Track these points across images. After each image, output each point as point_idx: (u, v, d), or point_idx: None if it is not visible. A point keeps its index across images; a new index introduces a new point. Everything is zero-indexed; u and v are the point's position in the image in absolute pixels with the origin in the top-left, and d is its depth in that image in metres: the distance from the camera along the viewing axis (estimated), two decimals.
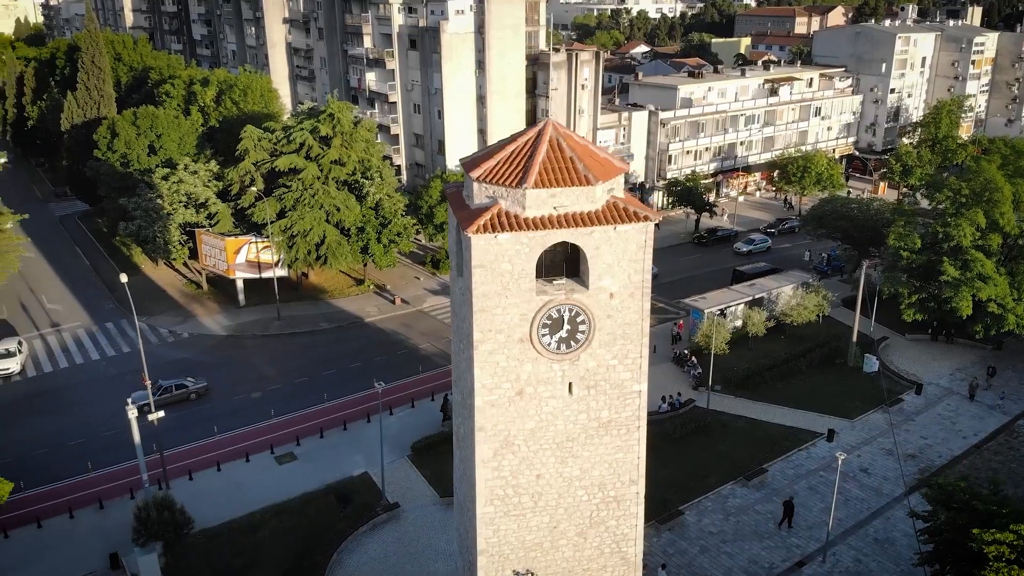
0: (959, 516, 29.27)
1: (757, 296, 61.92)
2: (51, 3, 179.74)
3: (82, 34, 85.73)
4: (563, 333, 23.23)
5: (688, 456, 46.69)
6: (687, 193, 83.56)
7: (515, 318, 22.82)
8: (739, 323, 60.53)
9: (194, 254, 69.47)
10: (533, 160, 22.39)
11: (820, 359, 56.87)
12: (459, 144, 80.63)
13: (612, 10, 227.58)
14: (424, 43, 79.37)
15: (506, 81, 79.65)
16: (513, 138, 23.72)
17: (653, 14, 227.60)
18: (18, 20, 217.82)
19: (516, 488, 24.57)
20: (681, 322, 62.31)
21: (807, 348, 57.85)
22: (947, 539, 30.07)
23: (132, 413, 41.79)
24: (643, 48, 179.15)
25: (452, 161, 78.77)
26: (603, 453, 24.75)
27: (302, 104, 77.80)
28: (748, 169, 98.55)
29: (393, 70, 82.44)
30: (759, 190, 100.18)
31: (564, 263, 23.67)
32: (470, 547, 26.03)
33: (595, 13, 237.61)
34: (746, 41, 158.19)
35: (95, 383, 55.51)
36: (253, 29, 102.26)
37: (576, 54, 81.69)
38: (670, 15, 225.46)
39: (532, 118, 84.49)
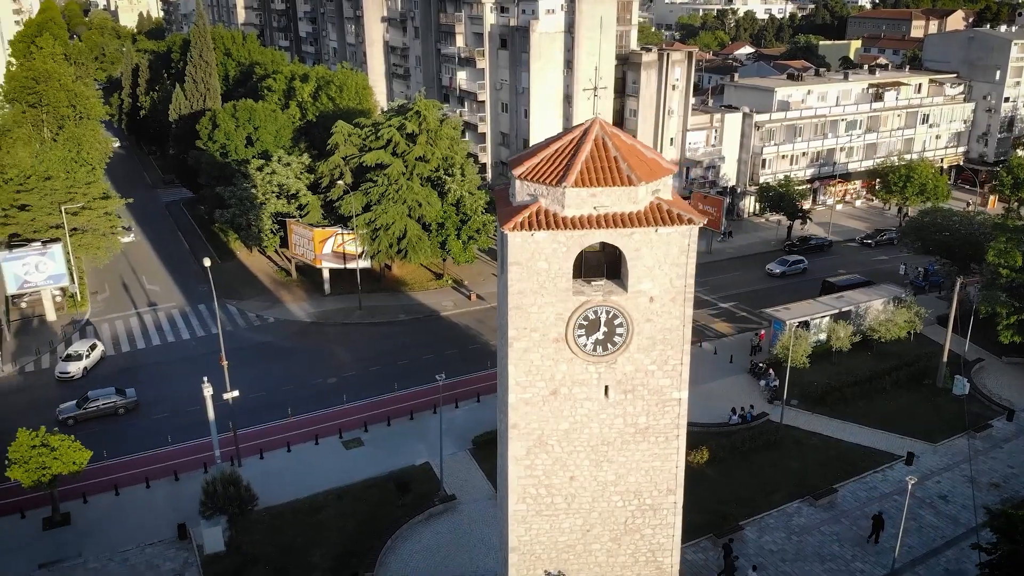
0: (1022, 549, 27.30)
1: (844, 309, 59.36)
2: None
3: (192, 29, 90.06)
4: (599, 335, 22.93)
5: (755, 471, 45.33)
6: (779, 199, 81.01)
7: (551, 317, 22.68)
8: (823, 336, 58.25)
9: (285, 243, 72.08)
10: (575, 159, 22.19)
11: (907, 378, 54.14)
12: None
13: (718, 11, 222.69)
14: (514, 42, 79.75)
15: (594, 80, 78.87)
16: (559, 136, 23.57)
17: (761, 15, 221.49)
18: (141, 15, 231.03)
19: (549, 488, 24.43)
20: (763, 332, 60.47)
21: (894, 366, 55.16)
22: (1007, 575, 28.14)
23: (207, 391, 43.88)
24: (748, 49, 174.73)
25: None
26: (640, 460, 24.29)
27: (391, 102, 79.44)
28: (847, 176, 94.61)
29: (483, 69, 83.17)
30: (859, 198, 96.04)
31: (605, 265, 23.35)
32: (504, 543, 26.04)
33: (700, 13, 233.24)
34: (856, 44, 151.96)
35: (182, 361, 58.27)
36: (353, 27, 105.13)
37: (667, 54, 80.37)
38: (779, 16, 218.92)
39: (620, 118, 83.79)
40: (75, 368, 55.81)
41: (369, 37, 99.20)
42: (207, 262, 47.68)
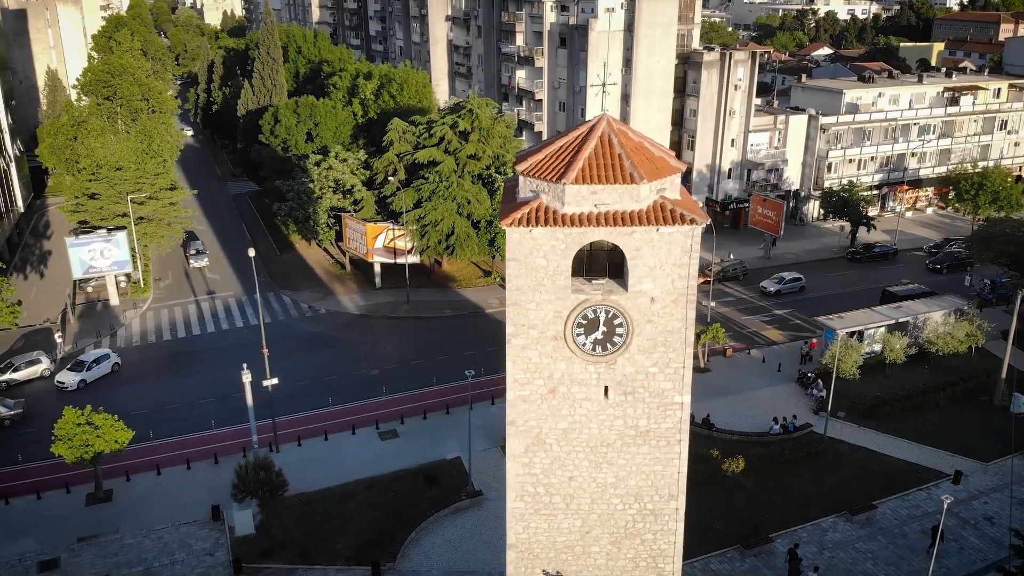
0: None
1: (901, 320, 57.19)
2: None
3: (261, 27, 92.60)
4: (598, 335, 22.62)
5: (792, 482, 44.08)
6: (843, 204, 78.49)
7: (549, 315, 22.49)
8: (877, 347, 56.23)
9: (340, 236, 73.46)
10: (578, 156, 21.93)
11: (963, 394, 51.80)
12: None
13: (797, 11, 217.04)
14: (573, 41, 79.39)
15: (652, 79, 78.14)
16: (566, 132, 23.33)
17: (843, 16, 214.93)
18: (225, 13, 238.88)
19: (548, 487, 24.23)
20: (814, 341, 58.71)
21: (950, 380, 52.82)
22: None
23: (246, 378, 45.06)
24: (826, 51, 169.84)
25: None
26: (640, 463, 23.87)
27: (447, 100, 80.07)
28: (918, 183, 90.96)
29: (541, 68, 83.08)
30: (930, 206, 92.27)
31: (608, 264, 23.02)
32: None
33: (780, 13, 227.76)
34: (939, 47, 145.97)
35: (233, 348, 59.87)
36: (418, 26, 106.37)
37: (730, 54, 78.76)
38: (862, 17, 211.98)
39: (679, 118, 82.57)
40: (70, 379, 53.15)
41: (433, 36, 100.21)
42: (252, 252, 48.89)
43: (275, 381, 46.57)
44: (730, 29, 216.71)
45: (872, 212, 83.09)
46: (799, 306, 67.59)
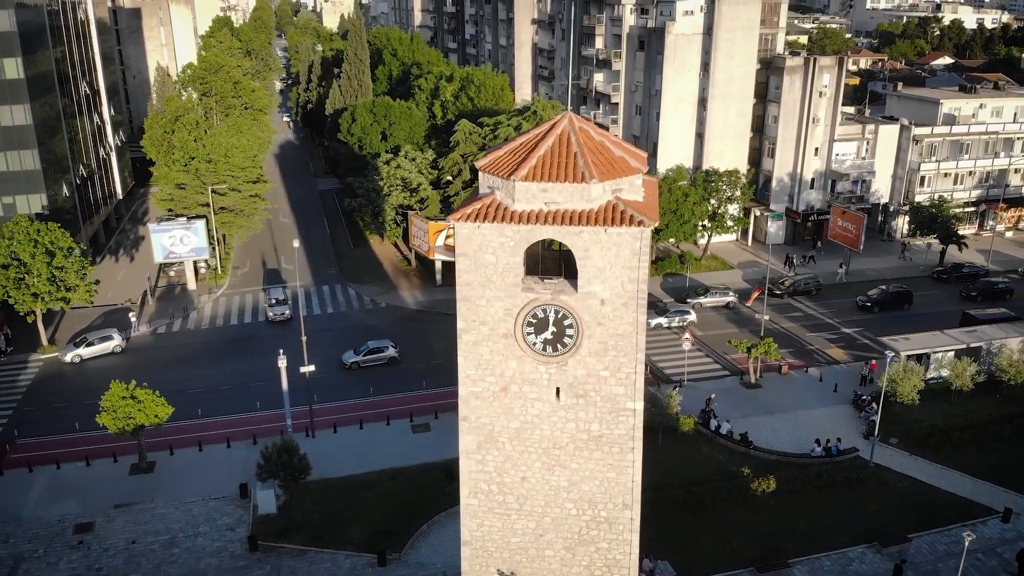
0: None
1: (973, 345, 53.59)
2: (363, 1, 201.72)
3: (349, 29, 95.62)
4: (548, 335, 22.32)
5: (825, 507, 42.03)
6: (932, 220, 74.08)
7: (499, 312, 22.37)
8: (944, 372, 52.86)
9: (407, 234, 75.04)
10: (533, 153, 21.75)
11: None
12: (674, 147, 78.67)
13: (920, 19, 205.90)
14: (650, 44, 78.27)
15: (731, 84, 76.06)
16: (529, 131, 23.17)
17: (971, 24, 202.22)
18: (342, 16, 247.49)
19: (501, 486, 24.09)
20: (874, 362, 55.69)
21: (1019, 412, 49.01)
22: None
23: (282, 363, 46.77)
24: (946, 60, 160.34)
25: (665, 164, 77.04)
26: (593, 468, 23.38)
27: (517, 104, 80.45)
28: (1022, 201, 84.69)
29: (619, 71, 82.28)
30: None
31: (563, 264, 22.70)
32: None
33: (903, 20, 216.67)
34: None
35: (293, 335, 61.89)
36: (505, 29, 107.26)
37: (815, 59, 75.70)
38: (991, 27, 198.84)
39: (760, 124, 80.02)
40: (71, 355, 57.28)
41: (519, 39, 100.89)
42: (296, 243, 50.61)
43: (312, 368, 48.10)
44: (849, 35, 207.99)
45: (968, 230, 78.05)
46: (870, 325, 64.21)
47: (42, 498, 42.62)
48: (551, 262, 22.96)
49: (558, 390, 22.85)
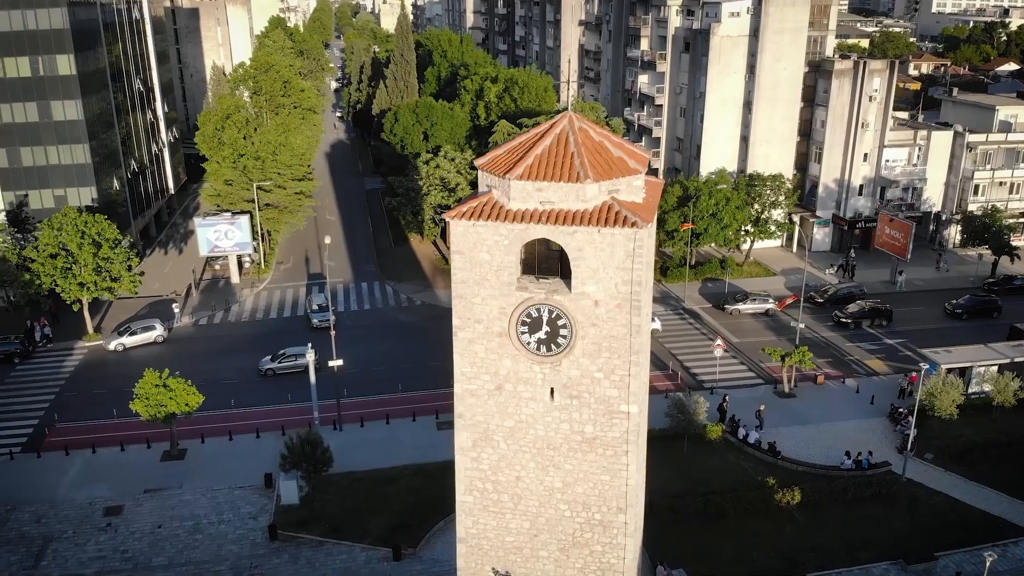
0: None
1: (1017, 360, 51.63)
2: (418, 3, 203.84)
3: (396, 31, 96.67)
4: (542, 334, 22.28)
5: (851, 522, 40.97)
6: (984, 230, 71.62)
7: (494, 310, 22.42)
8: (987, 387, 51.08)
9: (445, 233, 75.60)
10: (530, 152, 21.76)
11: None
12: (718, 150, 77.60)
13: (986, 23, 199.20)
14: (695, 46, 77.39)
15: (777, 87, 74.71)
16: (530, 129, 23.17)
17: None
18: (408, 18, 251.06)
19: (496, 484, 24.14)
20: (914, 375, 54.02)
21: None
22: None
23: (310, 356, 47.55)
24: (1012, 66, 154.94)
25: (708, 167, 76.06)
26: (587, 471, 23.26)
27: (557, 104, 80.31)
28: None
29: (663, 73, 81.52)
30: None
31: (561, 265, 22.63)
32: None
33: (969, 25, 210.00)
34: None
35: (327, 330, 63.14)
36: (552, 30, 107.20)
37: (864, 62, 73.88)
38: None
39: (808, 128, 78.42)
40: (115, 343, 59.42)
41: (565, 40, 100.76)
42: (328, 239, 51.38)
43: (340, 362, 48.80)
44: (913, 39, 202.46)
45: (1021, 241, 75.19)
46: (915, 337, 62.32)
47: (76, 481, 44.11)
48: (550, 261, 22.91)
49: (552, 390, 22.80)
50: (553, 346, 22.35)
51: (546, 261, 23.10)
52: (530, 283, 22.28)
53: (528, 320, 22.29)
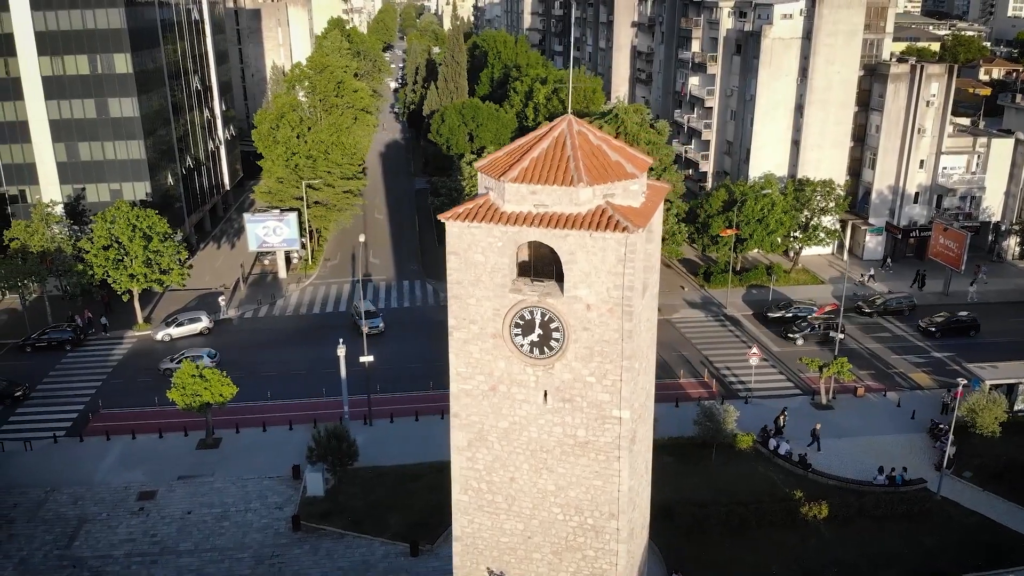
0: None
1: None
2: (479, 5, 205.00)
3: (449, 32, 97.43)
4: (535, 337, 22.32)
5: (879, 539, 39.87)
6: None
7: (488, 311, 22.56)
8: None
9: None
10: (527, 155, 21.84)
11: None
12: (768, 154, 76.26)
13: None
14: (747, 48, 76.17)
15: (830, 91, 73.02)
16: (531, 132, 23.26)
17: None
18: (462, 19, 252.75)
19: (490, 485, 24.27)
20: (960, 390, 52.16)
21: None
22: None
23: (341, 351, 48.41)
24: None
25: (757, 171, 74.76)
26: (580, 475, 23.21)
27: (604, 106, 79.93)
28: None
29: (714, 75, 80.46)
30: None
31: (556, 268, 22.63)
32: None
33: None
34: None
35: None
36: (606, 31, 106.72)
37: (922, 66, 71.60)
38: None
39: (862, 133, 76.42)
40: (162, 334, 61.72)
41: (618, 42, 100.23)
42: (362, 238, 52.22)
43: (370, 358, 49.56)
44: (986, 44, 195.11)
45: None
46: (964, 351, 60.21)
47: (114, 465, 45.83)
48: (548, 264, 22.94)
49: (545, 393, 22.82)
50: (546, 349, 22.38)
51: (545, 264, 23.15)
52: (524, 285, 22.35)
53: (521, 322, 22.37)
